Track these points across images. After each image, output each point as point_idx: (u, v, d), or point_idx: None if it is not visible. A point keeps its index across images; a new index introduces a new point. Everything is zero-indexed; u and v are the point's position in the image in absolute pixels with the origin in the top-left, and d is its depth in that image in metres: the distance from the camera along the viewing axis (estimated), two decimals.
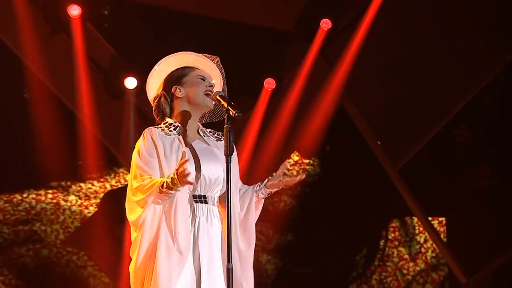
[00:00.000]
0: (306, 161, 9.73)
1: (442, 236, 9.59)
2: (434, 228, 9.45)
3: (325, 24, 8.24)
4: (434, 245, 9.48)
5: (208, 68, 4.13)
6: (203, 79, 4.06)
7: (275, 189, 4.04)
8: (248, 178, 8.17)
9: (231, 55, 8.67)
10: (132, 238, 4.00)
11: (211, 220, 3.95)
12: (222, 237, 3.95)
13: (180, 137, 4.05)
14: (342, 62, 8.56)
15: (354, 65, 8.59)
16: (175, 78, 4.06)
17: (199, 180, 4.01)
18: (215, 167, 3.96)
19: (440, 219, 9.66)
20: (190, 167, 3.84)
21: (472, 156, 9.62)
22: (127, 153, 8.63)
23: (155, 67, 4.01)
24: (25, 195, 9.17)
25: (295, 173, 4.54)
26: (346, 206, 9.55)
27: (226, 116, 3.85)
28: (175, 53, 4.08)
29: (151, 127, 4.05)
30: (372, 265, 9.65)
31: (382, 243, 9.73)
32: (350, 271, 9.71)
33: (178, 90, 4.03)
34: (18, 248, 8.97)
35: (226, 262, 3.71)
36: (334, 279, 9.56)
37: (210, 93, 3.98)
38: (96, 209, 9.85)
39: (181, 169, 3.73)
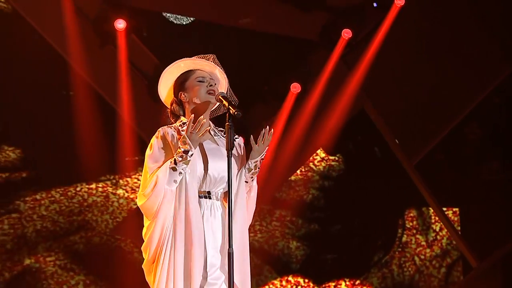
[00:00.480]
0: (332, 157, 10.04)
1: (456, 224, 9.90)
2: (448, 217, 9.74)
3: (346, 33, 8.65)
4: (448, 233, 9.85)
5: (207, 68, 4.32)
6: (203, 81, 4.27)
7: (256, 159, 4.24)
8: (271, 172, 8.72)
9: (262, 62, 9.61)
10: (146, 224, 4.23)
11: (214, 213, 4.17)
12: (224, 228, 4.16)
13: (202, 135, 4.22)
14: (361, 68, 8.90)
15: (373, 70, 8.95)
16: (179, 84, 4.32)
17: (205, 177, 4.23)
18: (220, 166, 4.15)
19: (454, 209, 9.91)
20: (198, 165, 4.17)
21: (482, 152, 9.88)
22: None
23: (160, 78, 4.33)
24: (78, 189, 9.45)
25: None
26: (367, 198, 9.80)
27: (227, 115, 4.06)
28: (173, 63, 4.32)
29: (164, 126, 4.31)
30: (391, 251, 9.93)
31: (400, 231, 9.99)
32: (371, 256, 9.95)
33: (183, 95, 4.29)
34: (73, 236, 9.24)
35: (228, 247, 3.97)
36: (356, 264, 9.83)
37: (213, 92, 4.23)
38: None
39: (191, 125, 4.01)
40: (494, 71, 9.54)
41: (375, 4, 9.05)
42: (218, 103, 4.19)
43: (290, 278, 9.69)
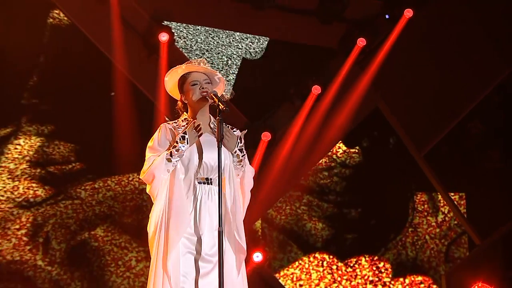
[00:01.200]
0: (352, 150, 10.60)
1: (462, 207, 10.37)
2: (453, 201, 10.22)
3: (361, 42, 9.07)
4: (454, 215, 10.29)
5: (201, 69, 4.58)
6: (196, 83, 4.54)
7: (233, 149, 4.47)
8: (299, 162, 9.27)
9: (289, 68, 10.19)
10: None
11: (211, 197, 4.47)
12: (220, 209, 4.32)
13: (195, 132, 4.51)
14: (374, 71, 9.35)
15: (385, 73, 9.47)
16: (179, 88, 4.62)
17: (201, 166, 4.52)
18: (215, 156, 4.40)
19: (460, 194, 10.40)
20: (194, 155, 4.47)
21: (484, 144, 10.34)
22: None
23: (165, 82, 4.63)
24: (130, 178, 9.97)
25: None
26: (382, 185, 10.44)
27: (217, 110, 4.34)
28: (169, 70, 4.67)
29: (165, 123, 4.60)
30: (405, 231, 10.50)
31: (412, 213, 10.58)
32: (387, 235, 10.46)
33: (183, 97, 4.60)
34: (126, 219, 9.79)
35: (218, 226, 4.23)
36: (374, 242, 10.37)
37: (206, 92, 4.47)
38: None
39: (191, 124, 4.32)
40: (494, 72, 10.00)
41: (387, 16, 9.41)
42: (211, 100, 4.43)
43: (316, 255, 10.13)
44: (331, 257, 10.24)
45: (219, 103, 4.31)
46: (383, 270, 10.30)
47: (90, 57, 9.27)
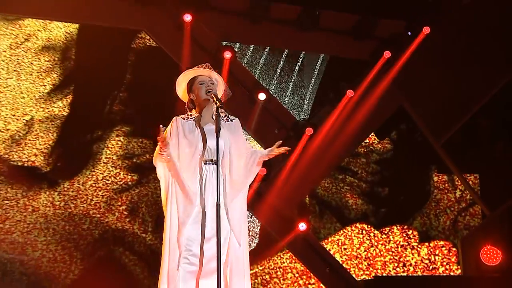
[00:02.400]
0: (385, 141, 11.42)
1: (476, 186, 10.95)
2: (467, 181, 10.74)
3: (387, 54, 9.43)
4: (469, 192, 10.89)
5: (206, 72, 4.77)
6: (202, 83, 4.74)
7: (268, 157, 4.74)
8: (330, 150, 9.51)
9: (330, 77, 11.12)
10: None
11: (215, 175, 4.57)
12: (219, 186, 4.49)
13: (195, 122, 4.75)
14: (398, 76, 9.76)
15: (408, 77, 9.87)
16: (188, 88, 4.81)
17: (206, 149, 4.70)
18: (213, 144, 4.61)
19: (475, 175, 10.99)
20: (199, 142, 4.69)
21: (492, 135, 10.86)
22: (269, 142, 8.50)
23: (176, 84, 4.84)
24: None
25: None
26: (409, 168, 11.33)
27: (216, 108, 4.56)
28: (182, 73, 4.89)
29: (177, 116, 4.79)
30: (429, 205, 11.35)
31: (435, 191, 11.39)
32: (415, 209, 11.32)
33: (192, 95, 4.79)
34: None
35: (217, 200, 4.37)
36: (403, 214, 11.20)
37: (211, 90, 4.66)
38: None
39: (158, 146, 4.52)
40: (501, 75, 10.31)
41: (409, 33, 9.73)
42: (211, 100, 4.65)
43: (357, 225, 10.90)
44: (369, 226, 10.96)
45: (217, 101, 4.53)
46: (411, 237, 11.05)
47: (164, 72, 9.35)
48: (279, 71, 11.51)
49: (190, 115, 4.77)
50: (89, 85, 10.25)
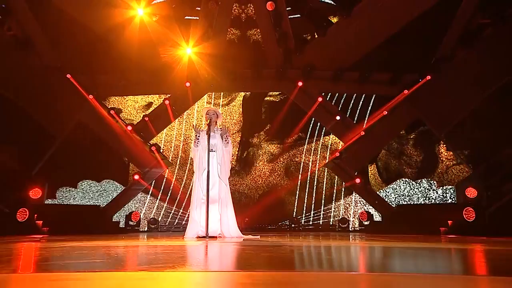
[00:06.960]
0: (411, 136, 15.06)
1: (464, 157, 13.44)
2: (460, 154, 13.41)
3: (405, 91, 12.30)
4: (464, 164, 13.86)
5: (212, 108, 7.46)
6: (208, 114, 7.33)
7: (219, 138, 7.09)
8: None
9: (366, 101, 15.01)
10: None
11: (217, 159, 6.99)
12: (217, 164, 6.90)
13: (205, 133, 7.24)
14: (415, 97, 12.02)
15: (421, 97, 12.22)
16: (204, 115, 7.51)
17: (210, 144, 7.05)
18: (213, 141, 7.05)
19: (465, 152, 13.46)
20: (207, 141, 7.09)
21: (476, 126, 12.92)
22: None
23: (202, 112, 8.26)
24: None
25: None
26: (425, 151, 15.06)
27: (209, 126, 7.23)
28: (205, 107, 7.48)
29: (202, 128, 7.58)
30: (438, 170, 15.13)
31: (440, 161, 15.00)
32: (427, 174, 14.87)
33: (206, 118, 7.43)
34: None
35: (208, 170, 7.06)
36: (419, 178, 14.77)
37: (211, 119, 7.29)
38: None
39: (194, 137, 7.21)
40: (489, 84, 11.68)
41: (420, 79, 12.36)
42: (207, 122, 7.19)
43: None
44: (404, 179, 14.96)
45: (209, 125, 6.99)
46: (432, 183, 14.34)
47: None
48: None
49: (204, 128, 7.20)
50: None
